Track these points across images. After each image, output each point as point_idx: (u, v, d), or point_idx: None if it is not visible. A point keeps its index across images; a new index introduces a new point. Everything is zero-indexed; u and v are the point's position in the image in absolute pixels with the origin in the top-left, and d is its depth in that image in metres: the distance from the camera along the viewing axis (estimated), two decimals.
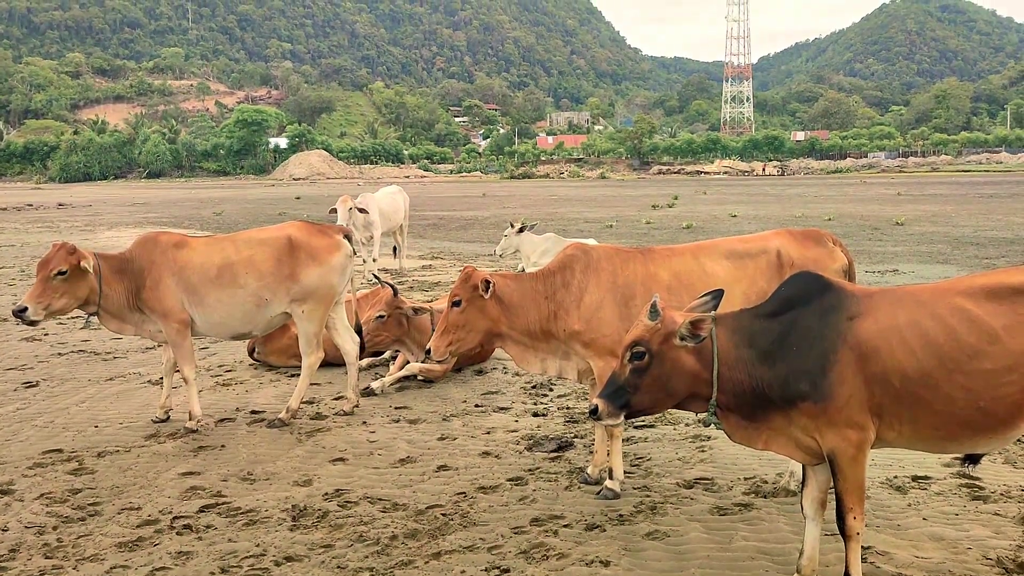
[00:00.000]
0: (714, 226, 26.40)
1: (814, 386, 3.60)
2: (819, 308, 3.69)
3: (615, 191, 56.89)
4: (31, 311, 5.95)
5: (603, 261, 5.16)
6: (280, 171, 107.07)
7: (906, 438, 3.68)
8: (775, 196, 44.96)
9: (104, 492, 5.36)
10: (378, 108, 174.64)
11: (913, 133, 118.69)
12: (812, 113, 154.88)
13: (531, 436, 6.38)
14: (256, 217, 34.02)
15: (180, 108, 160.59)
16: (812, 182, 68.93)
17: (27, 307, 5.95)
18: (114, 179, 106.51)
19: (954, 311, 3.56)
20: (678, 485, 5.40)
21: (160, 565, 4.37)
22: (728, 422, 3.84)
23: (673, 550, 4.51)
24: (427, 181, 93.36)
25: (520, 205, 40.67)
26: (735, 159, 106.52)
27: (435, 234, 25.51)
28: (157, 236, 6.60)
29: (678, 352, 3.73)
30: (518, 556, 4.45)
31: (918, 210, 31.57)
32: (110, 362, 9.01)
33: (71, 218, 34.95)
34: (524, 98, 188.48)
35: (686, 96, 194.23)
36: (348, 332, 7.09)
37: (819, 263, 5.07)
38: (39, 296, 5.99)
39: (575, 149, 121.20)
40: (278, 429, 6.59)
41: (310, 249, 6.63)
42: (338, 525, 4.85)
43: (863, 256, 17.82)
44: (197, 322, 6.55)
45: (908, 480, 5.36)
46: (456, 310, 5.16)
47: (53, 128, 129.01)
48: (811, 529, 3.95)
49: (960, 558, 4.34)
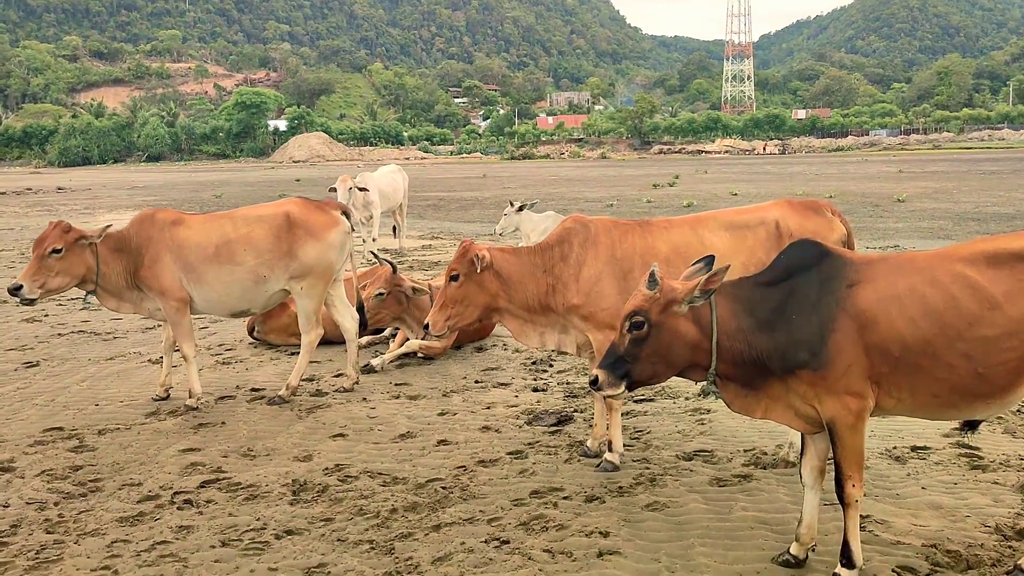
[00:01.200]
0: (715, 204, 26.32)
1: (813, 354, 3.59)
2: (818, 276, 3.68)
3: (616, 171, 56.70)
4: (26, 289, 5.95)
5: (601, 234, 5.14)
6: (280, 154, 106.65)
7: (906, 406, 3.67)
8: (776, 174, 44.78)
9: (105, 468, 5.37)
10: (377, 90, 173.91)
11: (915, 110, 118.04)
12: (813, 91, 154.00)
13: (531, 411, 6.39)
14: (256, 199, 33.89)
15: (178, 91, 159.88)
16: (813, 160, 68.68)
17: (22, 285, 5.94)
18: (113, 163, 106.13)
19: (954, 278, 3.54)
20: (677, 457, 5.41)
21: (161, 539, 4.38)
22: (727, 391, 3.83)
23: (672, 521, 4.52)
24: (427, 162, 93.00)
25: (520, 185, 40.54)
26: (736, 138, 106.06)
27: (435, 215, 25.46)
28: (154, 214, 6.57)
29: (677, 321, 3.72)
30: (518, 527, 4.46)
31: (919, 187, 31.45)
32: (110, 342, 9.01)
33: (70, 201, 34.88)
34: (524, 78, 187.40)
35: (687, 75, 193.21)
36: (347, 309, 7.08)
37: (818, 233, 5.04)
38: (34, 274, 5.97)
39: (575, 129, 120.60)
40: (278, 406, 6.60)
41: (308, 226, 6.61)
42: (338, 499, 4.86)
43: (864, 232, 17.78)
44: (196, 300, 6.54)
45: (907, 450, 5.37)
46: (454, 284, 5.14)
47: (51, 112, 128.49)
48: (810, 497, 3.95)
49: (959, 526, 4.35)
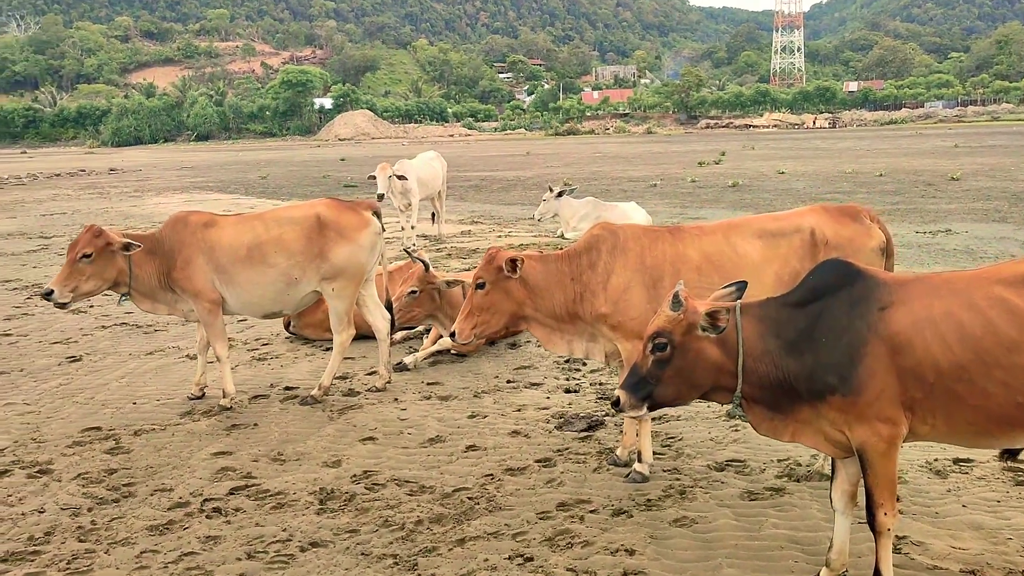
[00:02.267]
0: (761, 183, 25.86)
1: (843, 379, 3.47)
2: (849, 297, 3.53)
3: (661, 147, 56.04)
4: (57, 294, 6.04)
5: (630, 241, 5.03)
6: (326, 132, 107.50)
7: (940, 433, 3.53)
8: (825, 150, 43.85)
9: (139, 472, 5.44)
10: (422, 66, 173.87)
11: (973, 81, 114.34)
12: (866, 62, 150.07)
13: (562, 414, 6.32)
14: (300, 180, 34.25)
15: (226, 70, 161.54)
16: (865, 134, 67.10)
17: (53, 290, 6.03)
18: (164, 142, 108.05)
19: (993, 301, 3.37)
20: (709, 467, 5.31)
21: (188, 550, 4.43)
22: (754, 414, 3.72)
23: (700, 538, 4.44)
24: (471, 139, 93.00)
25: (563, 164, 40.29)
26: (785, 112, 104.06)
27: (476, 196, 25.40)
28: (187, 216, 6.62)
29: (701, 343, 3.62)
30: (542, 544, 4.41)
31: (975, 163, 30.51)
32: (151, 335, 9.15)
33: (121, 183, 35.56)
34: (569, 52, 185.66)
35: (735, 47, 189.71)
36: (379, 309, 7.08)
37: (855, 241, 4.89)
38: (66, 279, 6.06)
39: (621, 104, 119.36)
40: (310, 406, 6.63)
41: (339, 227, 6.59)
42: (364, 509, 4.86)
43: (914, 215, 17.30)
44: (228, 301, 6.58)
45: (949, 463, 5.20)
46: (480, 292, 5.08)
47: (104, 92, 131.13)
48: (841, 522, 3.84)
49: (999, 549, 4.19)
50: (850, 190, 22.92)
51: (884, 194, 21.62)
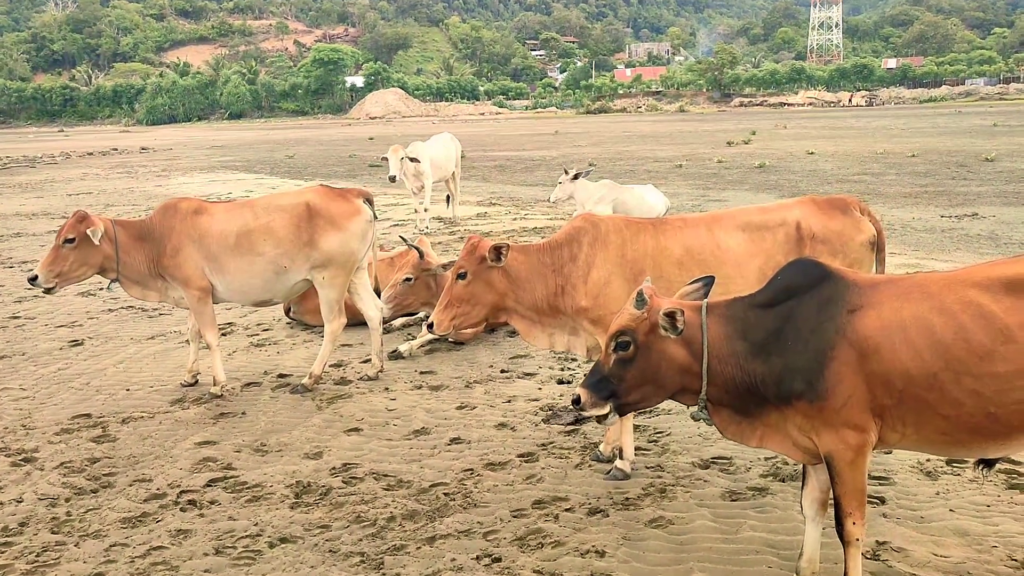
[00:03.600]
0: (788, 164, 25.38)
1: (810, 384, 3.33)
2: (818, 299, 3.39)
3: (692, 126, 55.31)
4: (41, 279, 6.05)
5: (612, 234, 4.90)
6: (357, 110, 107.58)
7: (911, 441, 3.38)
8: (859, 129, 42.96)
9: (120, 462, 5.45)
10: (454, 44, 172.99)
11: (1016, 57, 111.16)
12: (906, 38, 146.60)
13: (551, 407, 6.23)
14: (326, 160, 34.30)
15: (260, 48, 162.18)
16: (902, 113, 65.67)
17: (37, 275, 6.04)
18: (197, 120, 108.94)
19: (966, 305, 3.20)
20: (693, 465, 5.19)
21: (157, 544, 4.41)
22: (720, 417, 3.60)
23: (675, 540, 4.33)
24: (501, 118, 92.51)
25: (591, 143, 39.91)
26: (821, 89, 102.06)
27: (499, 177, 25.23)
28: (177, 203, 6.59)
29: (666, 343, 3.50)
30: (512, 543, 4.33)
31: (1013, 143, 29.68)
32: (155, 319, 9.19)
33: (150, 162, 35.87)
34: (602, 29, 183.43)
35: (772, 23, 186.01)
36: (371, 298, 7.02)
37: (843, 235, 4.72)
38: (50, 264, 6.07)
39: (653, 81, 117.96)
40: (300, 395, 6.60)
41: (329, 215, 6.53)
42: (339, 504, 4.81)
43: (942, 198, 16.86)
44: (218, 289, 6.55)
45: (941, 464, 5.02)
46: (461, 283, 4.98)
47: (139, 71, 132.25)
48: (811, 530, 3.72)
49: (983, 558, 4.03)
50: (879, 171, 22.42)
51: (915, 175, 21.13)
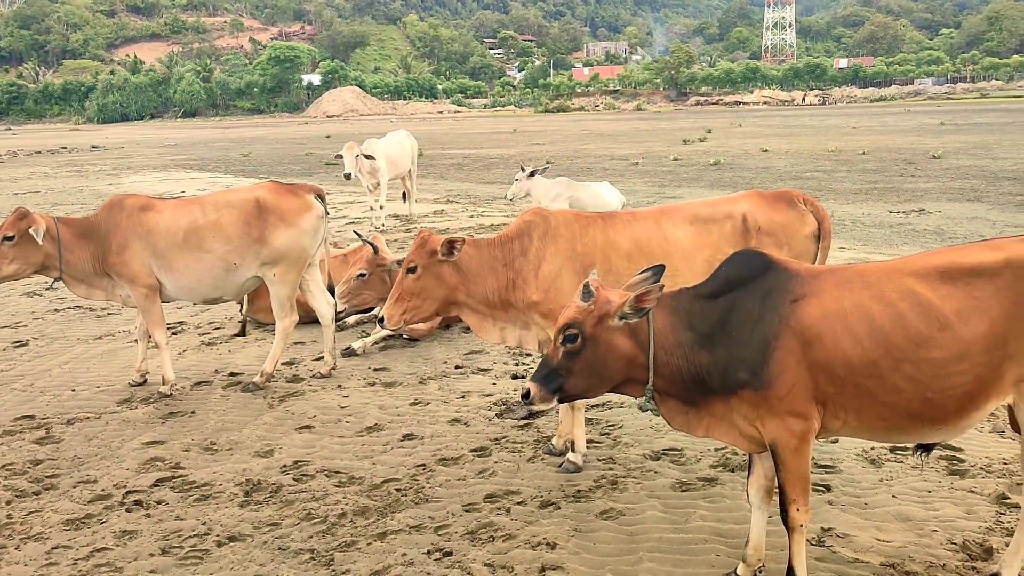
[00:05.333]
0: (742, 162, 25.69)
1: (754, 373, 3.37)
2: (761, 289, 3.43)
3: (649, 124, 55.73)
4: None
5: (561, 228, 4.91)
6: (314, 108, 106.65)
7: (852, 428, 3.44)
8: (812, 128, 43.64)
9: (64, 463, 5.34)
10: (412, 42, 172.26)
11: (963, 57, 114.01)
12: (857, 39, 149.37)
13: (505, 401, 6.23)
14: (282, 158, 33.93)
15: (214, 46, 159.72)
16: (853, 111, 66.82)
17: None
18: (150, 119, 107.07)
19: (904, 294, 3.27)
20: (644, 457, 5.23)
21: (101, 545, 4.33)
22: (667, 407, 3.64)
23: (625, 530, 4.36)
24: (460, 116, 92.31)
25: (549, 142, 40.00)
26: (775, 88, 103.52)
27: (457, 175, 25.18)
28: (124, 199, 6.46)
29: (613, 335, 3.51)
30: (464, 537, 4.33)
31: (959, 141, 30.38)
32: (103, 319, 9.01)
33: (100, 161, 35.17)
34: (560, 28, 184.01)
35: (727, 23, 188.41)
36: (323, 294, 6.96)
37: (788, 228, 4.79)
38: None
39: (611, 80, 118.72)
40: (252, 393, 6.52)
41: (279, 211, 6.45)
42: (289, 501, 4.77)
43: (891, 194, 17.20)
44: (167, 287, 6.44)
45: (886, 452, 5.13)
46: (411, 277, 4.95)
47: (90, 68, 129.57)
48: (757, 517, 3.77)
49: (924, 542, 4.13)
50: (831, 168, 22.80)
51: (865, 172, 21.52)
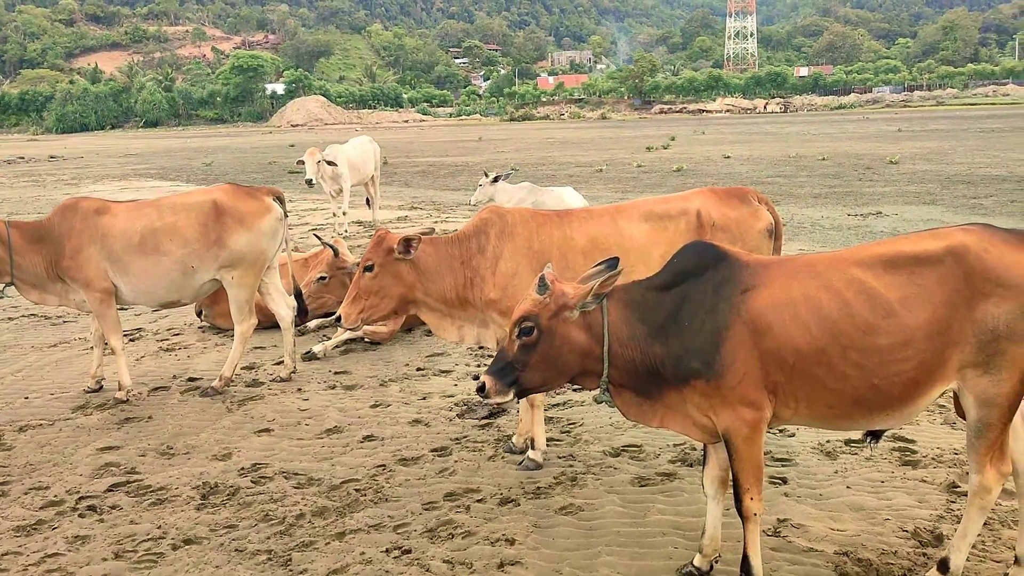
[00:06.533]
0: (705, 168, 25.98)
1: (706, 363, 3.41)
2: (712, 280, 3.48)
3: (613, 132, 56.13)
4: None
5: (518, 226, 4.93)
6: (278, 118, 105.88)
7: (803, 416, 3.50)
8: (773, 135, 44.26)
9: (16, 470, 5.23)
10: (376, 51, 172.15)
11: (919, 66, 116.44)
12: (816, 48, 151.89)
13: (466, 402, 6.23)
14: (245, 167, 33.67)
15: (176, 55, 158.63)
16: (814, 119, 67.89)
17: None
18: (111, 129, 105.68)
19: (850, 283, 3.34)
20: (604, 453, 5.26)
21: (53, 551, 4.25)
22: (622, 399, 3.66)
23: (584, 526, 4.38)
24: (426, 125, 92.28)
25: (514, 149, 40.12)
26: (738, 96, 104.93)
27: (422, 182, 25.15)
28: (78, 202, 6.37)
29: (568, 327, 3.54)
30: (423, 535, 4.31)
31: (915, 147, 31.00)
32: (59, 327, 8.87)
33: (59, 171, 34.63)
34: (525, 37, 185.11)
35: (689, 32, 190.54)
36: (283, 297, 6.91)
37: (742, 223, 4.86)
38: None
39: (576, 89, 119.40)
40: (210, 398, 6.45)
41: (237, 214, 6.41)
42: (247, 503, 4.72)
43: (849, 198, 17.48)
44: (122, 291, 6.36)
45: (840, 444, 5.20)
46: (368, 275, 4.94)
47: (48, 78, 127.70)
48: (712, 508, 3.80)
49: (876, 530, 4.19)
50: (792, 174, 23.14)
51: (824, 177, 21.87)
